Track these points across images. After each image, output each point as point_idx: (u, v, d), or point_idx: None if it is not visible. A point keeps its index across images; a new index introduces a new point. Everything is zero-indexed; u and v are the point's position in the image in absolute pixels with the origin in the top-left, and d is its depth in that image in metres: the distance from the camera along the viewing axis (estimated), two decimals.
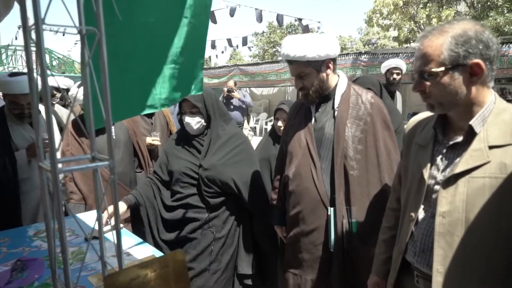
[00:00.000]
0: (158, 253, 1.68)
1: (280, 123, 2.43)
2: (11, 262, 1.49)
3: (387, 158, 1.66)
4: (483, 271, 1.02)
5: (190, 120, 2.00)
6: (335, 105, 1.71)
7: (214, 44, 9.46)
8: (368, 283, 1.43)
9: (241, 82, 10.05)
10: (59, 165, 0.61)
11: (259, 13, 6.71)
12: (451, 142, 1.10)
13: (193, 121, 2.00)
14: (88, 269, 1.47)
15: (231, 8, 6.45)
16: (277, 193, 1.93)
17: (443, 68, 1.01)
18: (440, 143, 1.13)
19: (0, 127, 2.34)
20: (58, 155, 2.35)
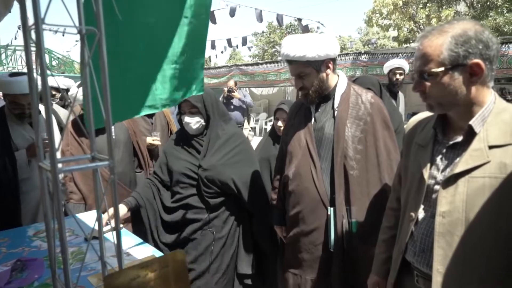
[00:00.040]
0: (158, 253, 1.68)
1: (280, 123, 2.43)
2: (11, 262, 1.49)
3: (387, 158, 1.66)
4: (482, 270, 1.02)
5: (189, 120, 2.00)
6: (335, 105, 1.71)
7: (214, 44, 9.45)
8: (368, 283, 1.43)
9: (240, 82, 10.05)
10: (59, 165, 0.61)
11: (259, 13, 6.70)
12: (451, 142, 1.10)
13: (193, 121, 2.00)
14: (88, 269, 1.47)
15: (231, 8, 6.44)
16: (277, 193, 1.93)
17: (443, 68, 1.01)
18: (440, 143, 1.13)
19: (0, 127, 2.34)
20: (58, 155, 2.35)
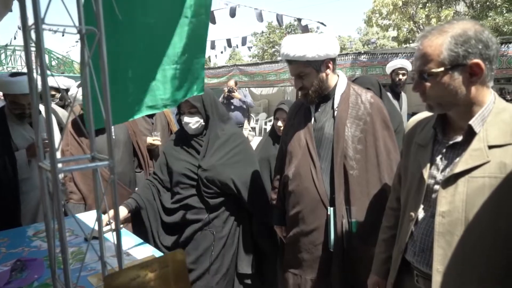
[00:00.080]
0: (158, 253, 1.68)
1: (280, 123, 2.42)
2: (10, 262, 1.49)
3: (386, 157, 1.66)
4: (482, 270, 1.02)
5: (188, 120, 1.99)
6: (335, 105, 1.71)
7: (213, 44, 9.44)
8: (368, 283, 1.43)
9: (240, 82, 10.04)
10: (59, 165, 0.61)
11: (259, 13, 6.68)
12: (450, 142, 1.10)
13: (192, 120, 1.99)
14: (88, 269, 1.47)
15: (231, 8, 6.42)
16: (276, 193, 1.93)
17: (442, 68, 1.01)
18: (440, 142, 1.13)
19: (0, 127, 2.34)
20: (58, 155, 2.35)
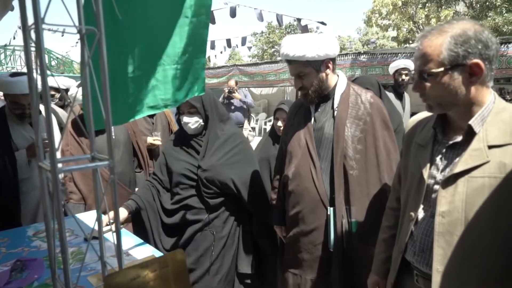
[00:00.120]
0: (158, 253, 1.68)
1: (280, 123, 2.42)
2: (10, 262, 1.49)
3: (386, 157, 1.66)
4: (482, 270, 1.02)
5: (188, 120, 1.99)
6: (335, 105, 1.71)
7: (213, 45, 9.43)
8: (368, 283, 1.43)
9: (240, 82, 10.04)
10: (59, 165, 0.61)
11: (259, 13, 6.67)
12: (450, 142, 1.10)
13: (191, 120, 1.99)
14: (87, 269, 1.47)
15: (231, 8, 6.41)
16: (276, 193, 1.93)
17: (442, 68, 1.01)
18: (440, 142, 1.14)
19: (1, 127, 2.34)
20: (58, 155, 2.35)
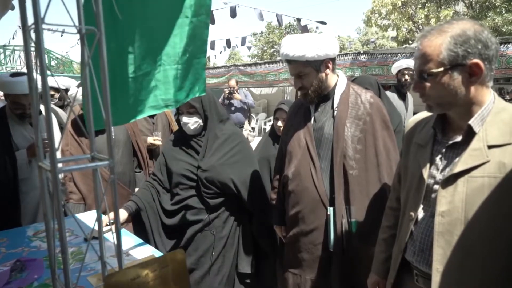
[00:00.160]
0: (158, 253, 1.68)
1: (279, 123, 2.42)
2: (10, 263, 1.49)
3: (386, 157, 1.66)
4: (482, 270, 1.02)
5: (187, 120, 1.99)
6: (335, 105, 1.71)
7: (213, 45, 9.43)
8: (368, 282, 1.43)
9: (240, 82, 10.05)
10: (59, 165, 0.61)
11: (259, 13, 6.67)
12: (450, 142, 1.10)
13: (191, 121, 1.99)
14: (87, 269, 1.47)
15: (231, 8, 6.41)
16: (276, 193, 1.93)
17: (442, 68, 1.01)
18: (440, 142, 1.14)
19: (1, 127, 2.34)
20: (58, 155, 2.34)
